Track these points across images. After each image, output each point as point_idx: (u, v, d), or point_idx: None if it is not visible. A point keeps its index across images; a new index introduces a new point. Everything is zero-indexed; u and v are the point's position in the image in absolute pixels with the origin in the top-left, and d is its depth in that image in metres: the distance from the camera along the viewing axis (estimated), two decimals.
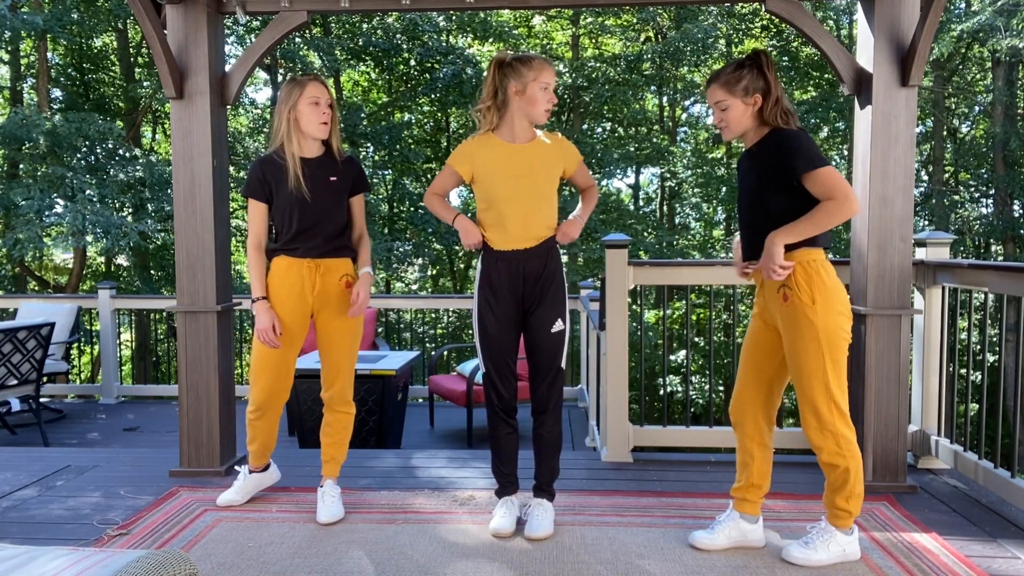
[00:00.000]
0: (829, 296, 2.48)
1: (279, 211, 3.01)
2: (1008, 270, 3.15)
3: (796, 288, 2.49)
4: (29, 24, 9.91)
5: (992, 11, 10.87)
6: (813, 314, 2.47)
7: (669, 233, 14.60)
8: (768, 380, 2.69)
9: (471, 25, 13.82)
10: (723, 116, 2.58)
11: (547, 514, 2.91)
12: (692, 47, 13.43)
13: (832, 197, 2.41)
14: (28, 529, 3.00)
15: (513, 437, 2.98)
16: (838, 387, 2.50)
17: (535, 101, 2.77)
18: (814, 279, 2.48)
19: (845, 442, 2.51)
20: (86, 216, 9.59)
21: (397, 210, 15.08)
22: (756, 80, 2.53)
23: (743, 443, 2.75)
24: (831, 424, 2.50)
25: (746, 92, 2.54)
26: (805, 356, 2.49)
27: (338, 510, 3.05)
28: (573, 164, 2.93)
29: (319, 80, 2.99)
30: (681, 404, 13.53)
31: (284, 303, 3.02)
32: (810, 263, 2.49)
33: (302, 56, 13.13)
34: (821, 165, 2.42)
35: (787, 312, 2.53)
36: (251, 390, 3.11)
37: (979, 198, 15.61)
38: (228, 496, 3.22)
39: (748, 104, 2.55)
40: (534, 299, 2.84)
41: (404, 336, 8.65)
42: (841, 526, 2.60)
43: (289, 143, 2.96)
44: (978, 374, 10.24)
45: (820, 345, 2.47)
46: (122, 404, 6.65)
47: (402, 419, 5.33)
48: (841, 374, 2.51)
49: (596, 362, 4.51)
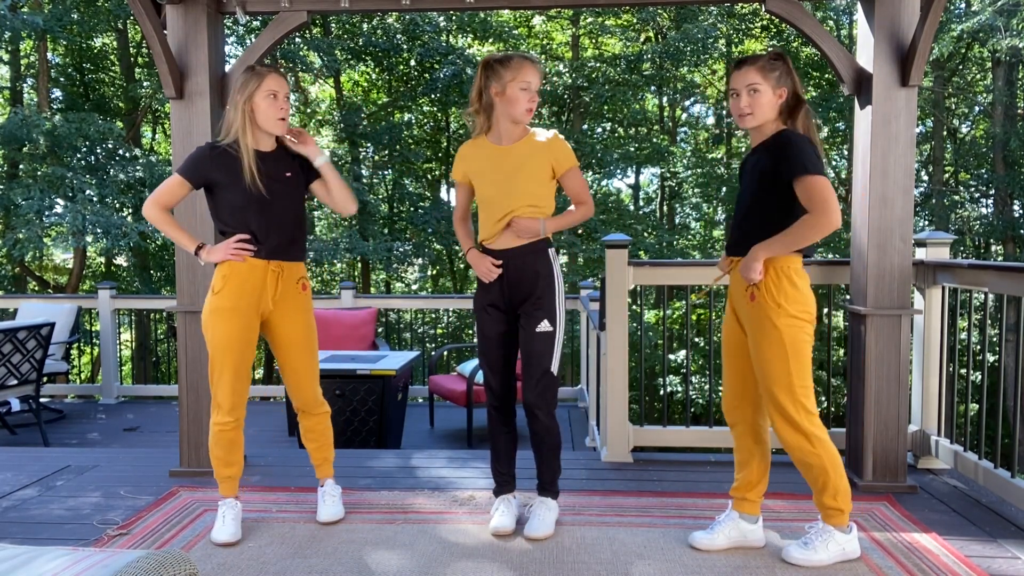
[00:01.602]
0: (793, 301, 2.50)
1: (228, 209, 2.81)
2: (1008, 270, 3.15)
3: (763, 290, 2.51)
4: (29, 24, 9.91)
5: (992, 11, 10.86)
6: (776, 317, 2.49)
7: (669, 233, 14.60)
8: (751, 377, 2.70)
9: (471, 25, 13.81)
10: (751, 101, 2.53)
11: (548, 513, 2.91)
12: (692, 47, 13.42)
13: (813, 209, 2.42)
14: (28, 529, 3.00)
15: (510, 437, 2.98)
16: (802, 388, 2.52)
17: (515, 101, 2.75)
18: (782, 283, 2.50)
19: (816, 440, 2.53)
20: (86, 216, 9.59)
21: (397, 210, 15.07)
22: (786, 76, 2.55)
23: (740, 442, 2.76)
24: (799, 424, 2.52)
25: (778, 82, 2.54)
26: (769, 358, 2.51)
27: (338, 509, 3.04)
28: (563, 165, 2.82)
29: (278, 72, 2.82)
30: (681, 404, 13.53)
31: (246, 309, 2.80)
32: (781, 268, 2.51)
33: (302, 56, 13.12)
34: (814, 173, 2.42)
35: (752, 312, 2.55)
36: (217, 394, 2.82)
37: (979, 198, 15.61)
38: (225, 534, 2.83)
39: (776, 95, 2.54)
40: (522, 298, 2.83)
41: (404, 336, 8.64)
42: (837, 524, 2.60)
43: (243, 136, 2.77)
44: (978, 374, 10.23)
45: (784, 348, 2.49)
46: (122, 404, 6.65)
47: (402, 419, 5.33)
48: (805, 375, 2.53)
49: (596, 362, 4.51)
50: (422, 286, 16.85)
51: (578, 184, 2.86)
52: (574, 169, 2.85)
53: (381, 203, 15.00)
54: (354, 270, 15.44)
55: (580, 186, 2.86)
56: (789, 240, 2.46)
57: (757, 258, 2.49)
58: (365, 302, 6.81)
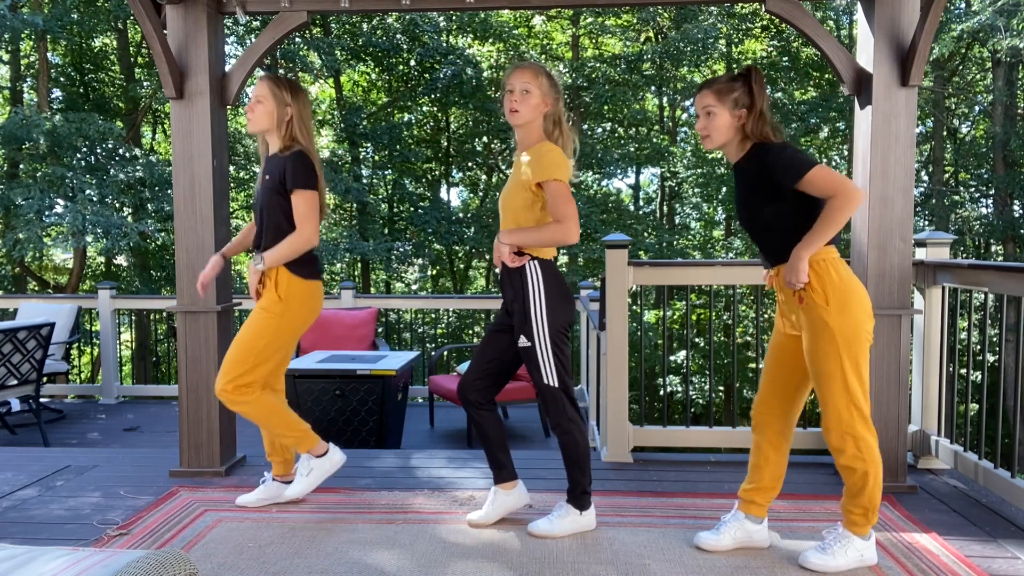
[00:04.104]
0: (844, 296, 2.45)
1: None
2: (1008, 270, 3.15)
3: (810, 290, 2.48)
4: (29, 24, 9.91)
5: (992, 11, 10.86)
6: (827, 315, 2.45)
7: (669, 233, 14.60)
8: (792, 387, 2.67)
9: (471, 25, 13.82)
10: (707, 123, 2.57)
11: (559, 518, 2.88)
12: (692, 47, 13.43)
13: (832, 194, 2.41)
14: (28, 529, 3.00)
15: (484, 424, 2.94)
16: (859, 389, 2.46)
17: (505, 107, 2.81)
18: (825, 279, 2.46)
19: (865, 446, 2.47)
20: (86, 216, 9.59)
21: (397, 210, 15.07)
22: (745, 96, 2.55)
23: (760, 446, 2.73)
24: (850, 427, 2.46)
25: (735, 104, 2.55)
26: (823, 358, 2.47)
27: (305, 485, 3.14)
28: (535, 178, 2.69)
29: (261, 78, 3.01)
30: (681, 404, 13.54)
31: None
32: (820, 263, 2.47)
33: (302, 56, 13.12)
34: (808, 170, 2.41)
35: (804, 314, 2.52)
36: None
37: (979, 198, 15.61)
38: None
39: (734, 116, 2.55)
40: (512, 311, 2.84)
41: (404, 336, 8.64)
42: (859, 532, 2.57)
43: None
44: (978, 374, 10.24)
45: (837, 346, 2.44)
46: (122, 404, 6.65)
47: (402, 419, 5.33)
48: (863, 376, 2.47)
49: (596, 362, 4.51)
50: (422, 286, 16.85)
51: (551, 200, 2.69)
52: (547, 184, 2.68)
53: (381, 203, 15.00)
54: (354, 270, 15.44)
55: (553, 203, 2.68)
56: (824, 230, 2.42)
57: (801, 258, 2.44)
58: (365, 302, 6.81)
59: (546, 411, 2.85)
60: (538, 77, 2.76)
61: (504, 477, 2.99)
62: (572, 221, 2.67)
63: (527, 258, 2.77)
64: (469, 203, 16.72)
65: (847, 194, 2.39)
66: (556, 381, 2.78)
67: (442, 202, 15.02)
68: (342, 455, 3.18)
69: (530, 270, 2.77)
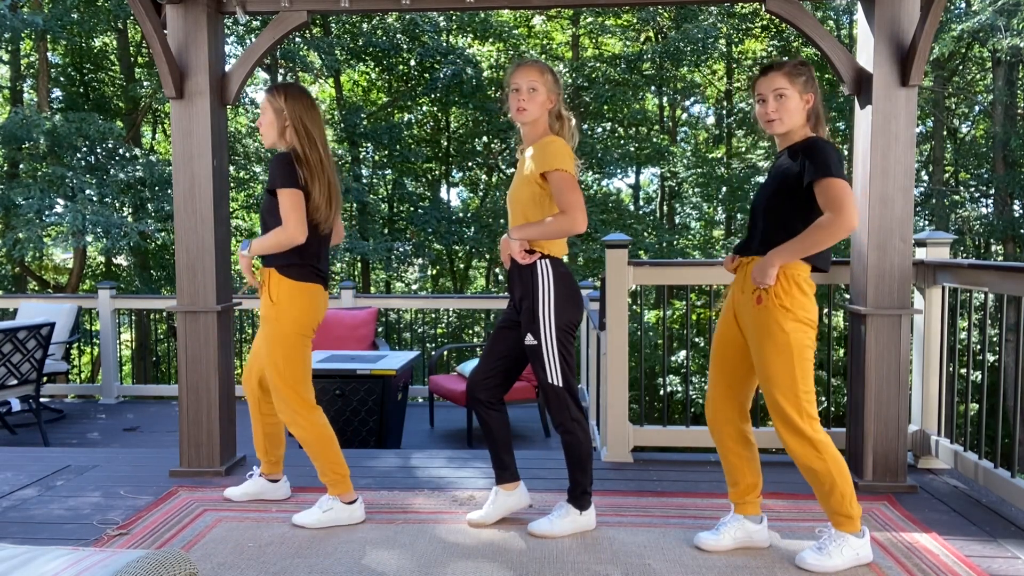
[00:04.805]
0: (800, 307, 2.50)
1: None
2: (1008, 270, 3.15)
3: (772, 294, 2.50)
4: (29, 24, 9.91)
5: (992, 11, 10.86)
6: (784, 320, 2.48)
7: (669, 233, 14.59)
8: (740, 379, 2.70)
9: (471, 25, 13.82)
10: (779, 106, 2.53)
11: (559, 518, 2.88)
12: (692, 47, 13.42)
13: (830, 210, 2.41)
14: (28, 529, 3.00)
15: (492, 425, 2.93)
16: (806, 393, 2.52)
17: (509, 105, 2.82)
18: (792, 289, 2.50)
19: (821, 444, 2.51)
20: (86, 216, 9.58)
21: (397, 210, 15.07)
22: (811, 83, 2.56)
23: (726, 446, 2.75)
24: (803, 429, 2.51)
25: (804, 87, 2.55)
26: (774, 363, 2.50)
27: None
28: (539, 168, 2.70)
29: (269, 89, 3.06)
30: (681, 404, 13.53)
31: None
32: (792, 275, 2.50)
33: (302, 56, 13.12)
34: (834, 175, 2.41)
35: (758, 315, 2.53)
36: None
37: (979, 198, 15.60)
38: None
39: (803, 100, 2.55)
40: (521, 309, 2.84)
41: (404, 336, 8.64)
42: (849, 530, 2.58)
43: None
44: (978, 374, 10.23)
45: (791, 353, 2.48)
46: (122, 404, 6.64)
47: (402, 419, 5.32)
48: (808, 380, 2.53)
49: (596, 362, 4.51)
50: (422, 286, 16.84)
51: (555, 190, 2.68)
52: (552, 174, 2.68)
53: (381, 203, 14.99)
54: (354, 270, 15.44)
55: (558, 192, 2.67)
56: (806, 243, 2.45)
57: (774, 263, 2.47)
58: (365, 302, 6.80)
59: (549, 410, 2.86)
60: (543, 74, 2.78)
61: (507, 478, 2.99)
62: (578, 210, 2.66)
63: (537, 255, 2.78)
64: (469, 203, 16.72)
65: (841, 218, 2.40)
66: (560, 380, 2.79)
67: (442, 202, 15.02)
68: (363, 514, 3.06)
69: (541, 268, 2.77)
